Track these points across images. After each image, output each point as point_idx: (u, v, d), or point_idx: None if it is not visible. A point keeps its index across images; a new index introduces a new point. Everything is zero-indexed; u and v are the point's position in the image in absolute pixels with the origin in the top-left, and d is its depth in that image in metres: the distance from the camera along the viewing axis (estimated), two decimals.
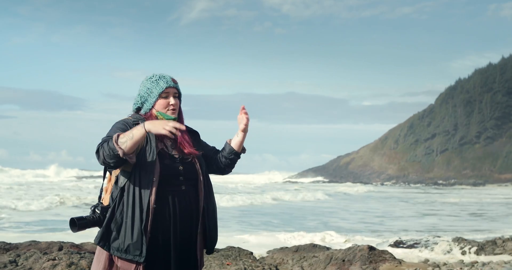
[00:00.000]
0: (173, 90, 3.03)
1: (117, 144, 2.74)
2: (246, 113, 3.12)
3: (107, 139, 2.81)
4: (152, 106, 3.02)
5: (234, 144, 3.17)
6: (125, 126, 2.94)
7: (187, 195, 2.97)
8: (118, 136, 2.76)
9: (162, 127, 2.77)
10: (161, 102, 3.00)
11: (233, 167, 3.23)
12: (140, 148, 2.89)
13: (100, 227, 2.92)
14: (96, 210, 2.94)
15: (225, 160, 3.19)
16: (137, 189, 2.86)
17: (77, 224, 2.87)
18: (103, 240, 2.87)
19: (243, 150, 3.21)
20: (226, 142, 3.20)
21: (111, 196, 2.94)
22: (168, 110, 3.01)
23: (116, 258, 2.88)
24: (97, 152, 2.80)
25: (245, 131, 3.15)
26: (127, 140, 2.75)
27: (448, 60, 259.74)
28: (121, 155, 2.74)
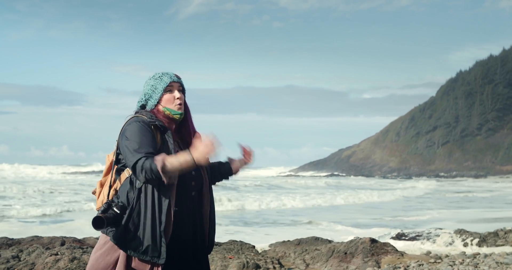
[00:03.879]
0: (177, 85, 3.04)
1: (164, 174, 2.73)
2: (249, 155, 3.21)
3: (146, 159, 2.75)
4: (158, 102, 3.01)
5: (234, 168, 3.24)
6: (149, 132, 2.88)
7: (197, 198, 3.00)
8: (164, 164, 2.72)
9: (208, 155, 2.78)
10: (167, 97, 3.00)
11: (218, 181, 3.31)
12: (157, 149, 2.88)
13: (117, 226, 2.86)
14: (115, 208, 2.84)
15: (219, 176, 3.23)
16: (155, 190, 2.83)
17: (105, 223, 2.79)
18: (121, 240, 2.84)
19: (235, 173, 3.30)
20: (228, 160, 3.25)
21: (127, 196, 2.88)
22: (174, 105, 3.00)
23: (132, 258, 2.86)
24: (137, 172, 2.77)
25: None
26: (174, 172, 2.76)
27: (447, 52, 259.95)
28: (165, 182, 2.77)
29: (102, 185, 3.04)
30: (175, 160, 2.75)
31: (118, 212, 2.84)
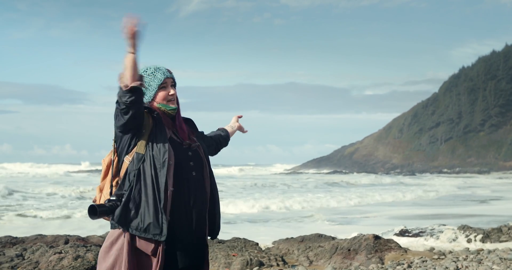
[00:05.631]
0: (170, 80, 3.06)
1: (120, 82, 2.78)
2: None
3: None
4: (152, 99, 3.02)
5: (231, 134, 3.65)
6: None
7: (197, 181, 3.01)
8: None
9: (126, 33, 2.77)
10: (161, 94, 3.02)
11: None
12: (149, 127, 2.95)
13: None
14: (111, 198, 2.90)
15: (224, 142, 3.56)
16: (152, 170, 2.86)
17: (98, 211, 2.82)
18: (121, 219, 2.85)
19: None
20: (225, 129, 3.64)
21: (128, 178, 2.91)
22: (168, 100, 3.03)
23: (136, 239, 2.87)
24: (117, 102, 2.82)
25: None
26: (124, 73, 2.78)
27: (449, 49, 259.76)
28: (129, 86, 2.75)
29: (101, 190, 3.04)
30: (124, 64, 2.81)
31: (115, 198, 2.88)
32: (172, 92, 3.02)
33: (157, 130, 2.93)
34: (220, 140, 3.48)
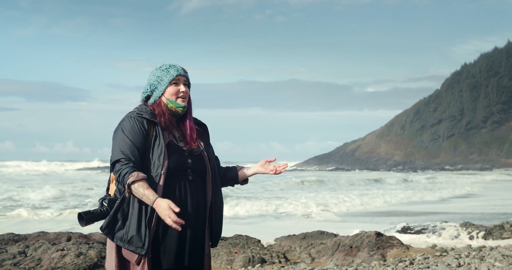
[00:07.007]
0: (183, 78, 3.04)
1: (128, 189, 2.80)
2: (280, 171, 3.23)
3: (125, 166, 2.82)
4: (162, 94, 3.01)
5: (242, 176, 3.26)
6: (139, 130, 2.91)
7: (194, 185, 2.98)
8: (132, 183, 2.78)
9: (164, 216, 2.75)
10: (171, 89, 3.00)
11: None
12: (147, 145, 2.91)
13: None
14: (104, 202, 2.95)
15: (227, 181, 3.24)
16: None
17: (84, 218, 2.89)
18: (108, 229, 2.89)
19: (245, 182, 3.31)
20: (236, 167, 3.28)
21: (118, 187, 2.94)
22: (178, 97, 3.00)
23: (121, 247, 2.91)
24: (113, 171, 2.88)
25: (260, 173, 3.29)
26: (136, 193, 2.79)
27: (451, 45, 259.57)
28: (127, 195, 2.83)
29: (112, 180, 3.08)
30: (141, 191, 2.79)
31: (106, 205, 2.93)
32: (183, 89, 3.01)
33: (156, 140, 2.92)
34: (226, 175, 3.24)
